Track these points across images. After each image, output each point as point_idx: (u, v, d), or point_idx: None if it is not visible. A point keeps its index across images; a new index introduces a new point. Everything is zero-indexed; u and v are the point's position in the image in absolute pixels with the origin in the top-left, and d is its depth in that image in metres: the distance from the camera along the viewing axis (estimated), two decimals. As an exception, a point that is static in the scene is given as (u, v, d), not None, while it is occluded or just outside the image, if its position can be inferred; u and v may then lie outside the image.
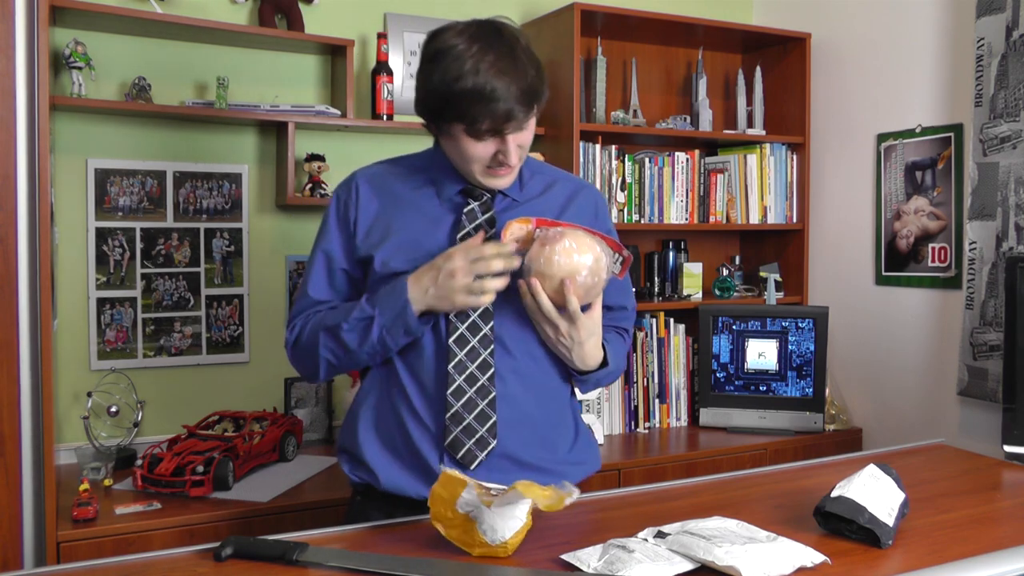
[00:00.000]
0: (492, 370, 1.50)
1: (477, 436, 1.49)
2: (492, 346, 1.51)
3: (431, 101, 1.45)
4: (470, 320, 1.50)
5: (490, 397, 1.50)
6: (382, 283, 1.52)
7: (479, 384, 1.50)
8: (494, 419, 1.50)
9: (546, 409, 1.58)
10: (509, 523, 1.23)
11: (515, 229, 1.47)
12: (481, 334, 1.51)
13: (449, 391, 1.49)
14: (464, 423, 1.49)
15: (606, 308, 1.64)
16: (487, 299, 1.45)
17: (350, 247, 1.58)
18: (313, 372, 1.59)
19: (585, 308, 1.51)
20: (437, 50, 1.43)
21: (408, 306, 1.45)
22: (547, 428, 1.58)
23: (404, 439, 1.52)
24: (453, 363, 1.49)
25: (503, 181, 1.53)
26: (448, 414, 1.49)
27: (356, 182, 1.60)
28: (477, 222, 1.53)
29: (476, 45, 1.40)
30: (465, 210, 1.54)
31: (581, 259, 1.43)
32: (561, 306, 1.46)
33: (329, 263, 1.59)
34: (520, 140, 1.48)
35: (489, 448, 1.50)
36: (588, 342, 1.52)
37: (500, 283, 1.45)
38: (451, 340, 1.50)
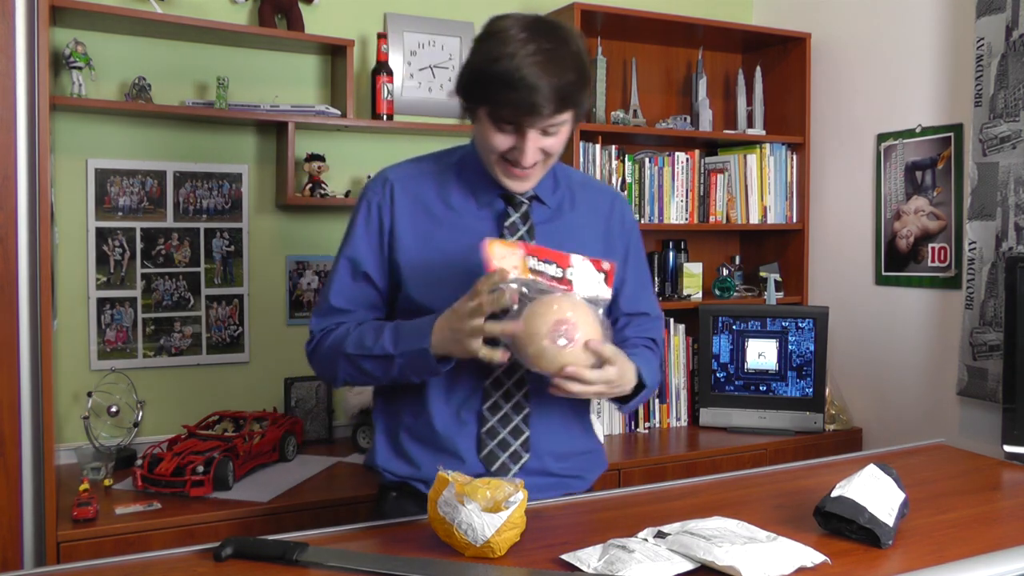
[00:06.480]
0: (527, 387, 1.51)
1: (511, 450, 1.51)
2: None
3: (465, 78, 1.43)
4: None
5: (524, 413, 1.51)
6: (410, 311, 1.49)
7: (515, 400, 1.51)
8: (527, 434, 1.51)
9: (573, 423, 1.60)
10: (488, 521, 1.20)
11: (500, 251, 1.33)
12: None
13: (485, 406, 1.50)
14: (499, 437, 1.50)
15: (626, 315, 1.64)
16: (477, 345, 1.32)
17: (379, 253, 1.52)
18: (332, 383, 1.63)
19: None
20: (488, 32, 1.41)
21: (427, 353, 1.39)
22: (575, 440, 1.60)
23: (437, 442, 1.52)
24: (490, 381, 1.50)
25: (520, 184, 1.49)
26: (483, 428, 1.50)
27: (391, 184, 1.53)
28: (519, 233, 1.51)
29: (524, 34, 1.36)
30: (507, 223, 1.52)
31: (568, 357, 1.32)
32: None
33: (353, 269, 1.53)
34: (544, 143, 1.43)
35: (522, 462, 1.51)
36: (615, 391, 1.44)
37: (495, 328, 1.31)
38: None
